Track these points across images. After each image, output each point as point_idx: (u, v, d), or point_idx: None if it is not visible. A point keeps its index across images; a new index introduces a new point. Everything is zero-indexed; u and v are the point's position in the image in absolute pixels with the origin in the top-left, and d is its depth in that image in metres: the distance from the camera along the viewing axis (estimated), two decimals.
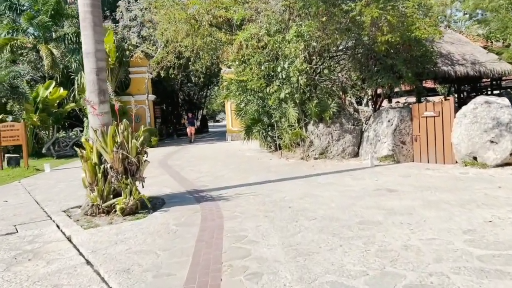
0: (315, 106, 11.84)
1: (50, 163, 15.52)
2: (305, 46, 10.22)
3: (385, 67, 11.31)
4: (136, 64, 23.28)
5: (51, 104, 19.67)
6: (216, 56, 15.14)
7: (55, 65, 20.49)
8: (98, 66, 7.26)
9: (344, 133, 12.03)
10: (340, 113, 12.22)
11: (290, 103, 12.36)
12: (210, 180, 9.78)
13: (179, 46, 15.05)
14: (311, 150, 12.31)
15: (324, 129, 12.11)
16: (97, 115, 7.14)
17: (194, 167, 12.46)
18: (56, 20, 22.54)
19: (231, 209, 6.70)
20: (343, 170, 10.08)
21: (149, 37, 21.55)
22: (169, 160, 14.94)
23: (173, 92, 34.18)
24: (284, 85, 11.96)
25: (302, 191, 7.78)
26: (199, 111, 39.95)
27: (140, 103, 24.04)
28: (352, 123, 12.17)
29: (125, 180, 6.77)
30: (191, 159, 14.87)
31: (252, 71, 12.68)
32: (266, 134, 15.59)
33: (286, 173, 10.22)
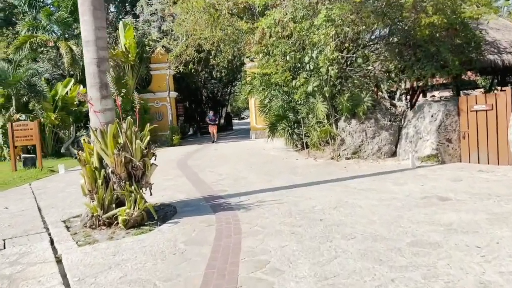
0: (346, 100, 10.65)
1: (66, 164, 14.92)
2: (336, 32, 9.04)
3: (427, 55, 9.99)
4: (157, 60, 22.53)
5: (70, 102, 19.14)
6: (237, 49, 14.09)
7: (75, 62, 19.95)
8: (99, 56, 6.35)
9: (379, 130, 10.79)
10: (375, 107, 10.97)
11: (319, 98, 11.21)
12: (229, 184, 8.77)
13: (199, 39, 14.10)
14: (342, 149, 11.12)
15: (357, 126, 10.90)
16: (96, 112, 6.22)
17: (214, 168, 11.49)
18: (76, 16, 21.98)
19: (251, 221, 5.66)
20: (380, 173, 8.88)
21: (170, 31, 20.71)
22: (189, 160, 14.04)
23: (197, 89, 33.42)
24: (312, 77, 10.83)
25: (335, 199, 6.65)
26: (223, 109, 39.11)
27: (162, 100, 23.35)
28: (388, 119, 10.90)
29: (129, 187, 5.83)
30: (212, 159, 13.92)
31: (276, 63, 11.60)
32: (292, 132, 14.49)
33: (314, 175, 9.10)
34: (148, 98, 22.91)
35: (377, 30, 11.85)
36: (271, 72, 12.04)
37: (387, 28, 11.63)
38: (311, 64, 10.31)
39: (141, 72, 22.45)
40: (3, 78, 17.24)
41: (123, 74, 21.05)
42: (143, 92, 23.01)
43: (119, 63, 20.59)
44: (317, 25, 9.35)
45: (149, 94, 23.20)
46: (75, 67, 20.04)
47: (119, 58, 20.30)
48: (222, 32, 13.72)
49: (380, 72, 11.15)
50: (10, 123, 13.56)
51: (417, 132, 10.12)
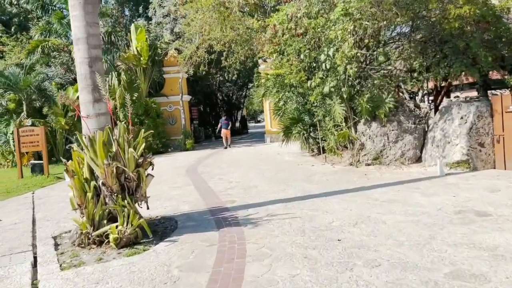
0: (366, 102, 9.84)
1: None
2: (355, 27, 8.26)
3: (455, 51, 9.11)
4: (170, 63, 22.04)
5: None
6: (250, 49, 13.41)
7: None
8: (91, 55, 5.74)
9: (403, 133, 9.94)
10: (398, 109, 10.13)
11: (336, 99, 10.42)
12: (239, 193, 8.07)
13: (209, 39, 13.49)
14: (362, 154, 10.30)
15: (378, 129, 10.07)
16: (87, 118, 5.61)
17: (224, 175, 10.81)
18: None
19: (258, 240, 4.94)
20: (405, 181, 8.04)
21: (183, 33, 20.19)
22: (199, 166, 13.41)
23: (212, 93, 32.93)
24: (328, 77, 10.06)
25: (356, 213, 5.87)
26: (238, 112, 38.52)
27: (175, 104, 22.84)
28: (412, 121, 10.04)
29: (122, 201, 5.18)
30: (223, 165, 13.25)
31: (289, 63, 10.87)
32: (307, 136, 13.73)
33: (332, 184, 8.32)
34: (161, 102, 22.43)
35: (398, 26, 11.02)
36: (285, 73, 11.31)
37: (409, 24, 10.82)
38: (327, 63, 9.54)
39: (153, 76, 22.02)
40: (13, 83, 16.99)
41: (135, 78, 20.62)
42: (156, 96, 22.59)
43: (131, 67, 20.18)
44: (333, 19, 8.59)
45: (162, 98, 22.73)
46: None
47: (131, 61, 19.88)
48: (233, 32, 13.07)
49: (402, 71, 10.29)
50: (16, 129, 13.18)
51: (444, 135, 9.24)
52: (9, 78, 17.14)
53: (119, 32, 22.12)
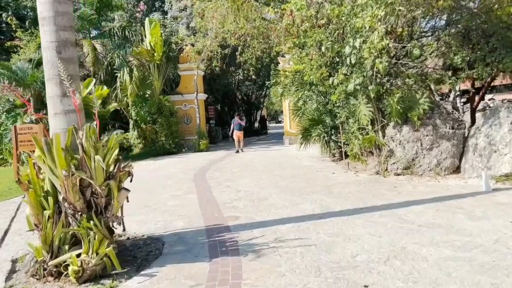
0: (397, 102, 8.52)
1: None
2: (386, 14, 6.96)
3: (506, 44, 7.70)
4: (185, 60, 20.97)
5: (91, 104, 17.93)
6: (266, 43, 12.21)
7: (98, 61, 18.83)
8: (60, 38, 4.66)
9: (439, 139, 8.56)
10: (433, 111, 8.76)
11: (362, 99, 9.13)
12: (245, 207, 6.89)
13: (222, 32, 12.37)
14: (391, 162, 8.98)
15: (410, 134, 8.72)
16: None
17: (233, 182, 9.66)
18: (102, 13, 20.99)
19: (258, 280, 3.76)
20: (444, 197, 6.69)
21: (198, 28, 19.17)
22: (209, 170, 12.29)
23: (230, 92, 31.87)
24: (353, 73, 8.78)
25: (386, 242, 4.62)
26: (257, 112, 37.37)
27: (190, 102, 21.83)
28: (450, 125, 8.65)
29: (86, 222, 4.08)
30: (234, 169, 12.10)
31: (309, 57, 9.62)
32: (328, 139, 12.46)
33: (356, 198, 7.05)
34: (176, 101, 21.51)
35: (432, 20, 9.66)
36: (304, 69, 10.07)
37: (443, 17, 9.46)
38: (352, 57, 8.24)
39: (168, 73, 21.08)
40: (20, 78, 16.29)
41: (148, 74, 19.71)
42: (171, 94, 21.66)
43: (144, 63, 19.27)
44: (361, 4, 7.30)
45: (177, 96, 21.79)
46: (98, 66, 18.90)
47: (144, 56, 18.95)
48: (248, 25, 11.90)
49: (438, 68, 8.91)
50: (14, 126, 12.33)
51: (490, 143, 7.83)
52: (16, 72, 16.46)
53: (134, 26, 21.25)
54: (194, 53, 14.97)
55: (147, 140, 19.65)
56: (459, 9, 8.64)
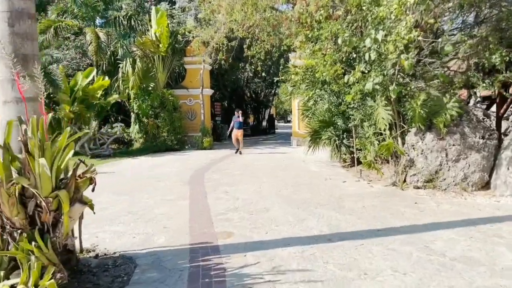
0: (421, 106, 7.49)
1: None
2: (416, 2, 5.91)
3: None
4: (192, 53, 20.01)
5: (91, 94, 17.07)
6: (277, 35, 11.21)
7: (101, 50, 17.94)
8: (13, 7, 3.73)
9: (467, 150, 7.51)
10: (462, 118, 7.71)
11: (380, 100, 8.11)
12: (241, 221, 5.92)
13: (230, 22, 11.39)
14: (411, 173, 7.94)
15: (434, 143, 7.68)
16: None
17: (232, 187, 8.70)
18: (108, 0, 20.14)
19: None
20: (476, 219, 5.67)
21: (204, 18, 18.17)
22: (208, 171, 11.34)
23: (239, 88, 30.87)
24: (372, 71, 7.75)
25: (413, 283, 3.61)
26: (266, 110, 36.37)
27: (195, 98, 20.86)
28: (481, 135, 7.59)
29: (26, 243, 3.14)
30: (235, 172, 11.13)
31: (323, 52, 8.61)
32: (339, 143, 11.43)
33: (370, 216, 6.04)
34: (181, 95, 20.58)
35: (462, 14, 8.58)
36: (316, 65, 9.06)
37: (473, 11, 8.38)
38: (372, 52, 7.21)
39: (174, 65, 20.17)
40: None
41: (152, 66, 18.81)
42: (176, 88, 20.75)
43: (148, 54, 18.36)
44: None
45: (182, 91, 20.86)
46: (101, 56, 18.02)
47: (148, 47, 18.05)
48: (257, 16, 10.92)
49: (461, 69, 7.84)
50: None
51: None
52: None
53: (141, 16, 20.36)
54: (199, 43, 13.94)
55: (148, 135, 18.77)
56: (496, 3, 7.57)
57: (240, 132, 16.45)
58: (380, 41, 6.38)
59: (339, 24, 7.48)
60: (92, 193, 3.90)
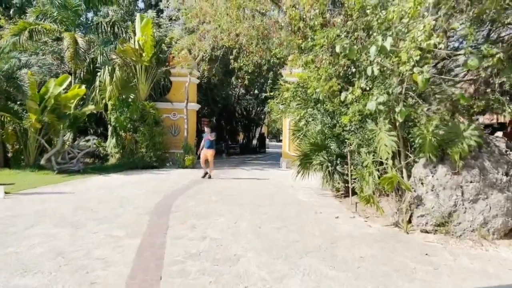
0: (433, 132, 6.16)
1: (31, 182, 11.53)
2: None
3: None
4: (177, 63, 18.72)
5: (63, 103, 15.63)
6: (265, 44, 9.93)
7: (78, 57, 16.58)
8: None
9: (487, 188, 6.16)
10: (481, 149, 6.39)
11: (383, 123, 6.78)
12: (200, 275, 4.45)
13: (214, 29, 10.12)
14: (418, 213, 6.55)
15: (448, 178, 6.32)
16: None
17: (202, 220, 7.24)
18: (92, 5, 18.89)
19: None
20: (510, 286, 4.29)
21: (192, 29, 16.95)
22: (181, 196, 9.88)
23: (229, 104, 29.58)
24: (374, 88, 6.45)
25: None
26: (257, 128, 35.07)
27: (180, 112, 19.50)
28: (504, 171, 6.27)
29: None
30: (212, 198, 9.67)
31: (317, 63, 7.31)
32: (332, 170, 10.12)
33: (371, 274, 4.62)
34: (164, 108, 19.23)
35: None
36: (309, 79, 7.76)
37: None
38: (375, 66, 5.90)
39: (158, 77, 18.83)
40: None
41: (133, 76, 17.46)
42: (159, 101, 19.40)
43: (129, 63, 17.03)
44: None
45: (166, 104, 19.51)
46: (78, 62, 16.65)
47: (129, 56, 16.76)
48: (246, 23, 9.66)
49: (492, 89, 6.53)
50: None
51: None
52: None
53: (126, 23, 19.11)
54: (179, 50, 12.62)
55: (125, 151, 17.28)
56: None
57: (210, 152, 13.83)
58: (388, 49, 5.06)
59: (338, 29, 6.17)
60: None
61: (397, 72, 6.31)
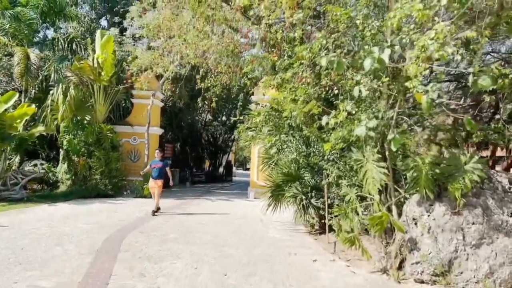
0: (430, 165, 5.29)
1: None
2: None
3: None
4: (138, 83, 17.42)
5: (8, 123, 13.98)
6: (235, 61, 8.98)
7: (29, 73, 15.08)
8: None
9: (492, 231, 5.29)
10: (483, 185, 5.55)
11: (371, 153, 5.86)
12: None
13: (180, 45, 9.10)
14: (412, 260, 5.57)
15: (447, 218, 5.41)
16: None
17: (155, 264, 5.97)
18: (49, 20, 17.55)
19: None
20: None
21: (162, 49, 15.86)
22: (134, 231, 8.53)
23: (196, 130, 28.32)
24: (361, 112, 5.56)
25: None
26: (223, 156, 33.85)
27: (141, 136, 18.10)
28: (510, 211, 5.43)
29: None
30: (170, 235, 8.37)
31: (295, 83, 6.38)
32: (307, 203, 9.10)
33: None
34: (123, 132, 17.80)
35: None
36: (284, 100, 6.81)
37: None
38: (363, 86, 5.02)
39: (118, 98, 17.48)
40: None
41: (90, 96, 16.07)
42: (119, 124, 17.98)
43: (85, 81, 15.68)
44: None
45: (126, 128, 18.07)
46: (28, 79, 15.14)
47: (86, 74, 15.40)
48: (214, 39, 8.71)
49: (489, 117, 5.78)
50: None
51: None
52: None
53: (84, 40, 17.81)
54: (138, 67, 11.49)
55: (77, 177, 15.62)
56: None
57: (159, 183, 11.28)
58: (387, 62, 4.16)
59: (324, 39, 5.26)
60: None
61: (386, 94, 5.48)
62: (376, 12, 5.19)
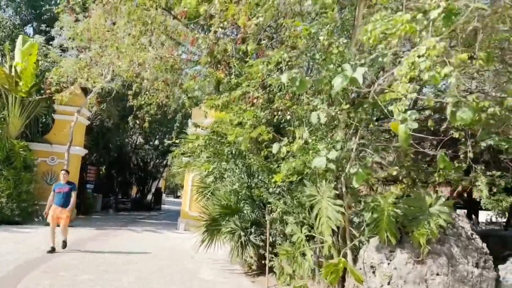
0: (392, 205, 4.65)
1: None
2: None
3: None
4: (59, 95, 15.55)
5: None
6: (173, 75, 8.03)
7: None
8: None
9: (457, 284, 4.70)
10: (446, 231, 4.99)
11: (328, 188, 5.12)
12: None
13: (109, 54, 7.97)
14: None
15: (410, 267, 4.74)
16: None
17: None
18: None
19: None
20: None
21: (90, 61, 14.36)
22: (36, 271, 6.98)
23: (124, 153, 26.41)
24: (320, 140, 4.84)
25: None
26: (153, 182, 31.94)
27: (60, 156, 16.13)
28: (474, 261, 4.90)
29: None
30: (82, 277, 6.94)
31: (243, 105, 5.57)
32: (246, 240, 8.15)
33: None
34: (40, 151, 15.79)
35: None
36: (230, 123, 5.95)
37: None
38: (321, 112, 4.33)
39: (36, 112, 15.56)
40: None
41: (3, 107, 14.10)
42: (35, 141, 15.93)
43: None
44: None
45: (44, 146, 16.03)
46: None
47: (0, 82, 13.51)
48: (152, 51, 7.72)
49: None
50: None
51: None
52: None
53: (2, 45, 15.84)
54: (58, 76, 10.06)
55: None
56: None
57: (66, 213, 9.04)
58: (360, 82, 3.48)
59: (284, 52, 4.50)
60: None
61: (344, 122, 4.84)
62: (340, 29, 4.59)
